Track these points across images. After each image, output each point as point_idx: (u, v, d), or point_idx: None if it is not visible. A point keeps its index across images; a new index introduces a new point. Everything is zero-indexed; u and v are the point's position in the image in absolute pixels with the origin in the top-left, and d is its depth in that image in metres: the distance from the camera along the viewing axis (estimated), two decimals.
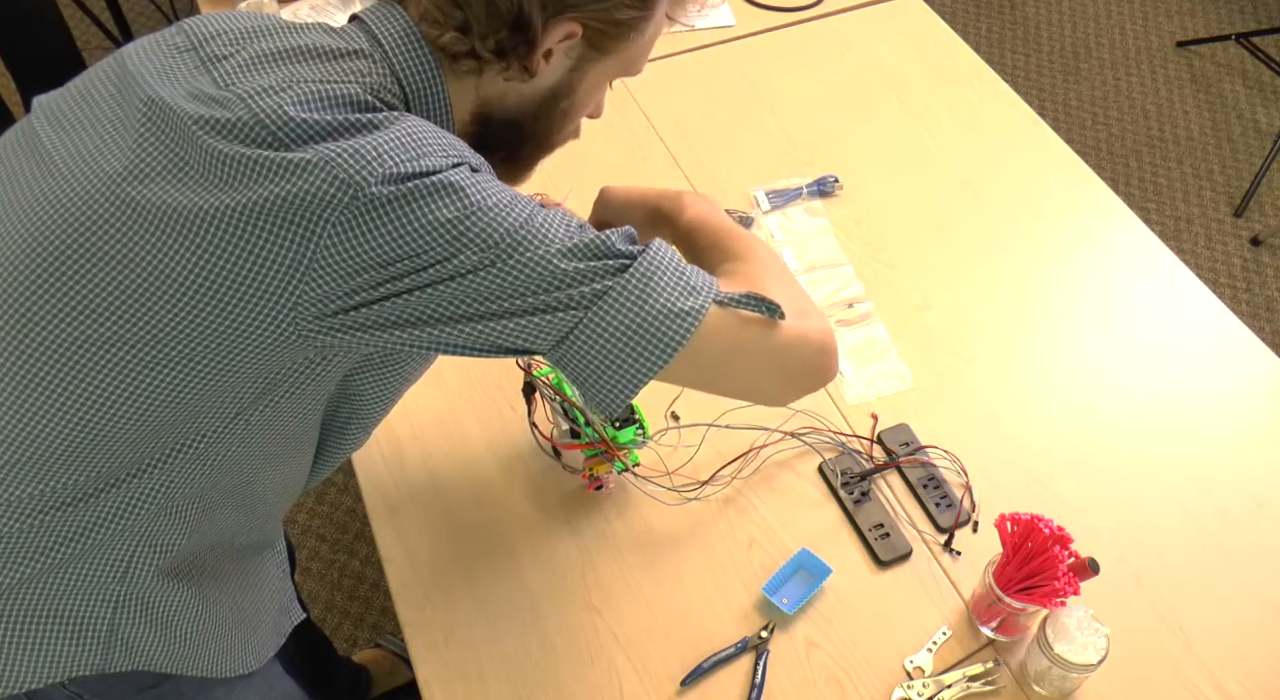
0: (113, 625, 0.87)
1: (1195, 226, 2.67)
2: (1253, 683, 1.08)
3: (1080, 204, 1.52)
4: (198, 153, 0.75)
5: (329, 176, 0.72)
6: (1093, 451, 1.25)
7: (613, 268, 0.79)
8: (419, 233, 0.74)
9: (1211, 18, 3.19)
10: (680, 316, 0.80)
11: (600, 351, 0.80)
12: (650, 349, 0.80)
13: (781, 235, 1.47)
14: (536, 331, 0.79)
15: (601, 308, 0.79)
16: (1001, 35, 3.14)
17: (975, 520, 1.18)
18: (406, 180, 0.74)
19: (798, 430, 1.24)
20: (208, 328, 0.75)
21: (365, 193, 0.73)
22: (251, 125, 0.74)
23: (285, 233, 0.73)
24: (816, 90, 1.67)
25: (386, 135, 0.75)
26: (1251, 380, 1.33)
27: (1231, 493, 1.22)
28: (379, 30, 0.84)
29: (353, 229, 0.73)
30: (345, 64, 0.81)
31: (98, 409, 0.78)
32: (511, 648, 1.09)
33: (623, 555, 1.16)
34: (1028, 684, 1.07)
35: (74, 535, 0.82)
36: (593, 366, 0.80)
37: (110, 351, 0.76)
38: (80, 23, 2.61)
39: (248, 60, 0.80)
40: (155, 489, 0.83)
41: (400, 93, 0.83)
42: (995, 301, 1.40)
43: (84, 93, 0.84)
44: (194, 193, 0.74)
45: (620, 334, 0.79)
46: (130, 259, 0.75)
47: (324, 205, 0.72)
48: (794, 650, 1.09)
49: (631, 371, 0.80)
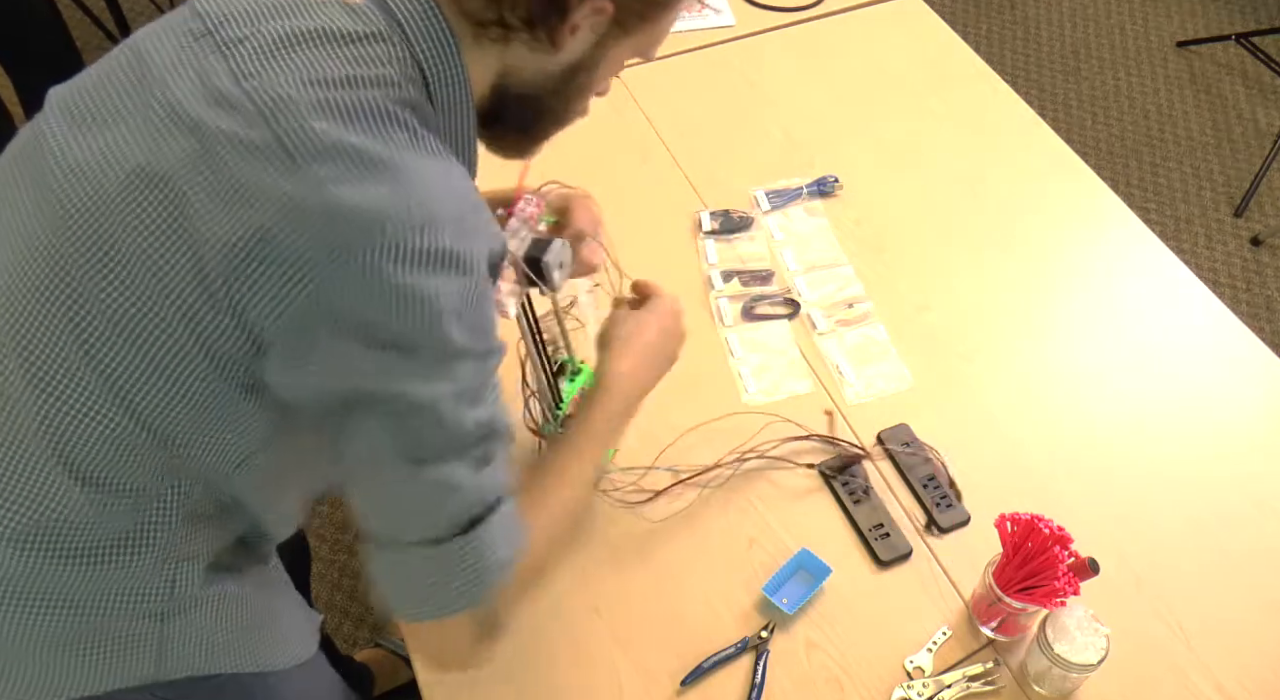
0: (162, 637, 0.88)
1: (1195, 226, 2.67)
2: (1253, 683, 1.08)
3: (1080, 204, 1.52)
4: (214, 171, 0.74)
5: (333, 240, 0.72)
6: (1093, 451, 1.25)
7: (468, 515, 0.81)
8: (397, 316, 0.74)
9: (1211, 18, 3.19)
10: (457, 597, 0.82)
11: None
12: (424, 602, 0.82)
13: (781, 235, 1.47)
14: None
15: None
16: (1001, 35, 3.14)
17: (957, 490, 1.20)
18: (409, 262, 0.73)
19: (794, 436, 1.24)
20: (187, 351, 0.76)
21: (359, 262, 0.72)
22: (274, 147, 0.73)
23: (275, 274, 0.73)
24: (816, 90, 1.67)
25: (402, 197, 0.74)
26: (1251, 380, 1.33)
27: (1231, 493, 1.22)
28: (397, 8, 0.82)
29: (339, 289, 0.73)
30: (364, 49, 0.80)
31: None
32: (511, 648, 1.09)
33: (623, 555, 1.16)
34: (1028, 684, 1.07)
35: (117, 547, 0.83)
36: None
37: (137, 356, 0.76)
38: (80, 23, 2.61)
39: (265, 44, 0.79)
40: (186, 502, 0.84)
41: (420, 76, 0.82)
42: (995, 301, 1.40)
43: (100, 86, 0.83)
44: (204, 211, 0.74)
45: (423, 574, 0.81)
46: (141, 254, 0.75)
47: (313, 265, 0.72)
48: (794, 650, 1.09)
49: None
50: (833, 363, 1.33)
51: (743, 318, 1.37)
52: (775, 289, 1.40)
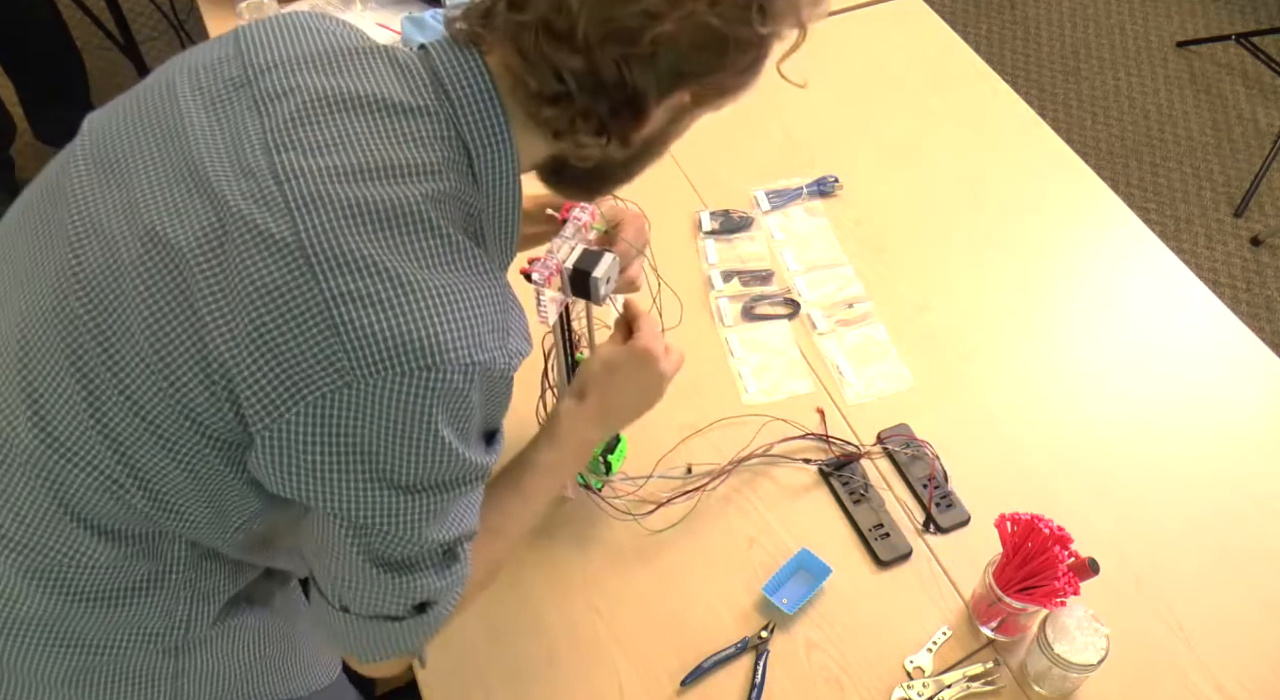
0: (177, 671, 0.88)
1: (1195, 226, 2.67)
2: (1253, 683, 1.08)
3: (1080, 204, 1.52)
4: (226, 257, 0.72)
5: (337, 363, 0.70)
6: (1093, 451, 1.25)
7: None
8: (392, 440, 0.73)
9: (1211, 18, 3.19)
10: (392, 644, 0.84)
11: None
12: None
13: (781, 235, 1.47)
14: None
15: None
16: (1001, 35, 3.13)
17: (950, 491, 1.19)
18: (410, 401, 0.72)
19: (791, 436, 1.24)
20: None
21: (362, 390, 0.71)
22: (294, 249, 0.71)
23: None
24: (816, 90, 1.66)
25: (414, 332, 0.71)
26: (1251, 380, 1.33)
27: (1231, 493, 1.22)
28: (450, 83, 0.78)
29: (335, 410, 0.71)
30: (408, 124, 0.76)
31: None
32: (512, 647, 1.09)
33: (623, 555, 1.16)
34: (1028, 684, 1.07)
35: (133, 589, 0.83)
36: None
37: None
38: (80, 23, 2.61)
39: (304, 104, 0.75)
40: (197, 547, 0.85)
41: (465, 156, 0.78)
42: (995, 301, 1.40)
43: (131, 131, 0.79)
44: (209, 296, 0.72)
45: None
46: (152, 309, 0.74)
47: (311, 382, 0.71)
48: (794, 650, 1.09)
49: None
50: (833, 363, 1.33)
51: (743, 318, 1.37)
52: (775, 289, 1.40)
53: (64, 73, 2.56)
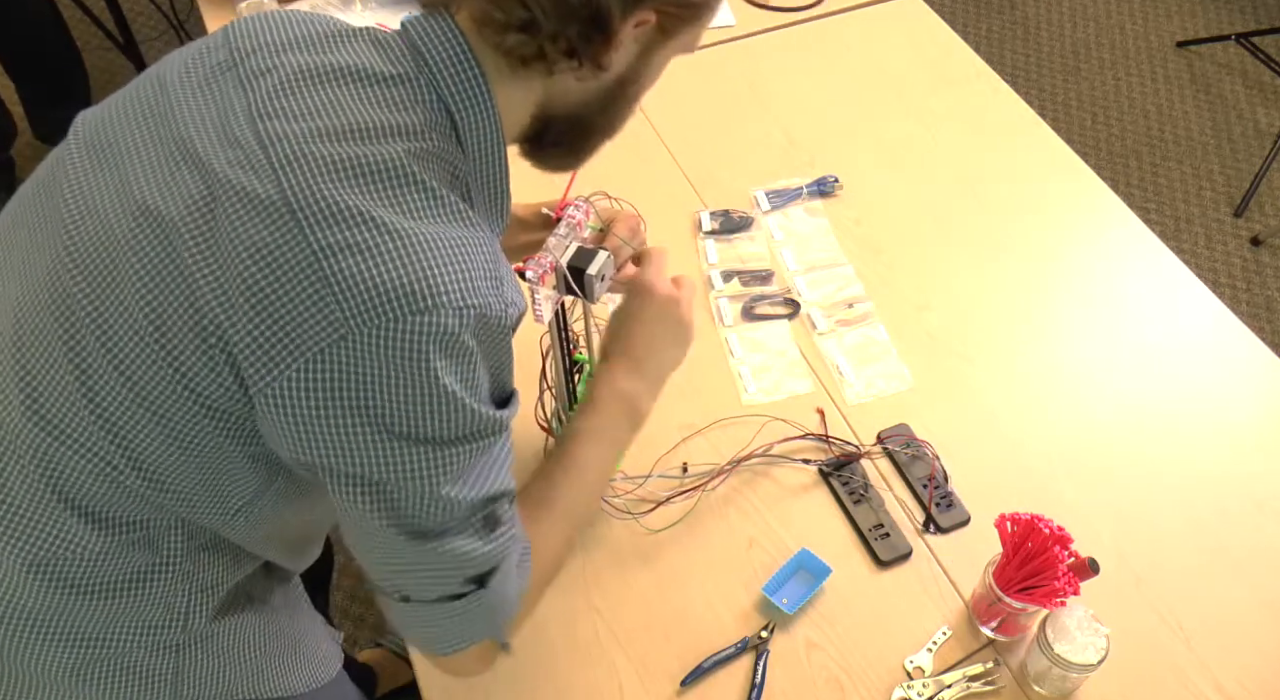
0: (178, 667, 0.88)
1: (1195, 226, 2.67)
2: (1253, 683, 1.08)
3: (1080, 204, 1.52)
4: (215, 222, 0.73)
5: (331, 315, 0.70)
6: (1093, 451, 1.25)
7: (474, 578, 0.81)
8: (404, 385, 0.72)
9: (1211, 18, 3.19)
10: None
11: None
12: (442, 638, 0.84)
13: (781, 235, 1.47)
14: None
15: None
16: (1001, 35, 3.14)
17: (951, 491, 1.19)
18: (408, 346, 0.71)
19: (791, 436, 1.24)
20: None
21: (357, 340, 0.71)
22: (280, 206, 0.71)
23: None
24: (816, 90, 1.67)
25: (406, 275, 0.71)
26: (1251, 380, 1.33)
27: (1231, 493, 1.22)
28: (425, 47, 0.80)
29: (333, 364, 0.71)
30: (388, 91, 0.78)
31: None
32: (512, 647, 1.09)
33: (623, 555, 1.16)
34: (1028, 684, 1.07)
35: (130, 581, 0.83)
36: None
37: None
38: (80, 23, 2.61)
39: (285, 79, 0.77)
40: (197, 535, 0.84)
41: (448, 119, 0.80)
42: (995, 301, 1.40)
43: (122, 118, 0.81)
44: (200, 262, 0.73)
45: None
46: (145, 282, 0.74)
47: (309, 337, 0.71)
48: (794, 650, 1.09)
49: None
50: (833, 363, 1.33)
51: (743, 318, 1.37)
52: (775, 289, 1.40)
53: (64, 73, 2.57)
